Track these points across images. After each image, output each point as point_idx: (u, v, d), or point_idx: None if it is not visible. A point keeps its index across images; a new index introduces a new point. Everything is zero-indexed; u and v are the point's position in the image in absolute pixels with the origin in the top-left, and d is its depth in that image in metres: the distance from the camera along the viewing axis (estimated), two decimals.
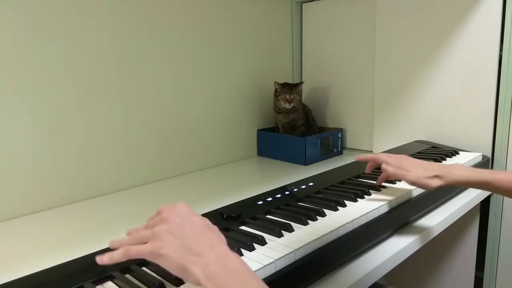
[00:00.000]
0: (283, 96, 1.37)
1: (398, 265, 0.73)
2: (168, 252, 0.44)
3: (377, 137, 1.42)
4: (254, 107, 1.47)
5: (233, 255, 0.44)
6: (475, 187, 0.76)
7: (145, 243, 0.47)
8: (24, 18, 0.91)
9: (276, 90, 1.40)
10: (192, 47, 1.24)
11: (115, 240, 0.50)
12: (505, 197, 1.15)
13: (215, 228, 0.50)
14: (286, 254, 0.58)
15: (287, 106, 1.36)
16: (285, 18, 1.56)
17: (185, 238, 0.45)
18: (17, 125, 0.92)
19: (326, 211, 0.74)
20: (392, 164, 0.80)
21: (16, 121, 0.92)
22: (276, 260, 0.57)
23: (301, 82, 1.41)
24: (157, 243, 0.45)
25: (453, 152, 1.15)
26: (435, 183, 0.74)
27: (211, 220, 0.70)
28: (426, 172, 0.76)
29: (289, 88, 1.37)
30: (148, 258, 0.46)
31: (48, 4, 0.94)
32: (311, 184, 0.90)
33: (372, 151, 1.44)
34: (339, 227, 0.67)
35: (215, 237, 0.47)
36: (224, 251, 0.45)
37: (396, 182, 0.91)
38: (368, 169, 0.89)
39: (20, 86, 0.92)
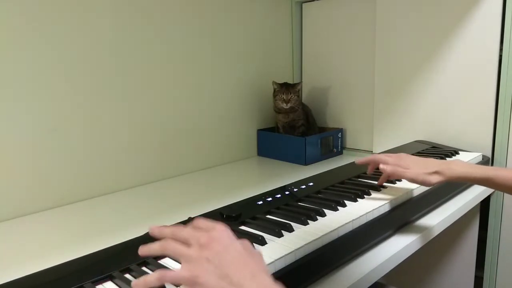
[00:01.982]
0: (280, 96, 1.37)
1: (398, 265, 0.73)
2: (206, 282, 0.42)
3: (377, 137, 1.42)
4: (254, 107, 1.47)
5: (275, 286, 0.42)
6: (475, 183, 0.76)
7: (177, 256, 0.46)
8: (24, 17, 0.91)
9: (274, 90, 1.40)
10: (192, 47, 1.25)
11: (156, 226, 0.50)
12: (505, 197, 1.15)
13: (257, 253, 0.47)
14: (286, 254, 0.58)
15: (285, 106, 1.37)
16: (285, 18, 1.56)
17: (225, 267, 0.42)
18: (18, 125, 0.92)
19: (326, 211, 0.74)
20: (390, 163, 0.80)
21: (17, 121, 0.92)
22: (276, 260, 0.57)
23: (299, 83, 1.41)
24: (195, 271, 0.42)
25: (453, 152, 1.14)
26: (435, 179, 0.74)
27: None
28: (425, 168, 0.75)
29: (287, 88, 1.37)
30: (184, 285, 0.43)
31: (48, 4, 0.94)
32: (311, 184, 0.90)
33: (372, 151, 1.44)
34: (339, 227, 0.67)
35: (257, 266, 0.44)
36: (265, 282, 0.42)
37: (396, 182, 0.91)
38: (370, 171, 0.89)
39: (20, 86, 0.92)
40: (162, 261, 0.58)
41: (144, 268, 0.56)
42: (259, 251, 0.48)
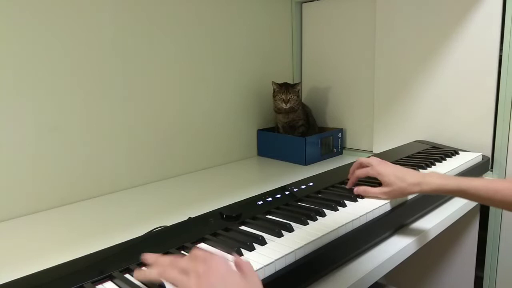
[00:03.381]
0: (279, 96, 1.37)
1: (398, 265, 0.73)
2: None
3: (377, 137, 1.42)
4: (254, 107, 1.47)
5: None
6: (450, 195, 0.75)
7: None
8: (25, 17, 0.91)
9: (274, 90, 1.40)
10: (192, 47, 1.25)
11: (150, 255, 0.51)
12: None
13: (256, 281, 0.47)
14: (286, 254, 0.58)
15: (284, 106, 1.37)
16: (285, 18, 1.56)
17: None
18: (18, 124, 0.92)
19: (326, 211, 0.74)
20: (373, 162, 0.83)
21: (17, 121, 0.92)
22: (276, 260, 0.57)
23: (299, 83, 1.41)
24: None
25: (453, 152, 1.14)
26: (412, 190, 0.75)
27: (210, 221, 0.70)
28: (403, 180, 0.76)
29: (286, 88, 1.37)
30: None
31: (49, 4, 0.94)
32: (311, 184, 0.90)
33: (372, 151, 1.44)
34: (339, 227, 0.67)
35: None
36: None
37: None
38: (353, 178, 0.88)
39: (21, 85, 0.92)
40: None
41: (144, 268, 0.56)
42: (258, 277, 0.47)
